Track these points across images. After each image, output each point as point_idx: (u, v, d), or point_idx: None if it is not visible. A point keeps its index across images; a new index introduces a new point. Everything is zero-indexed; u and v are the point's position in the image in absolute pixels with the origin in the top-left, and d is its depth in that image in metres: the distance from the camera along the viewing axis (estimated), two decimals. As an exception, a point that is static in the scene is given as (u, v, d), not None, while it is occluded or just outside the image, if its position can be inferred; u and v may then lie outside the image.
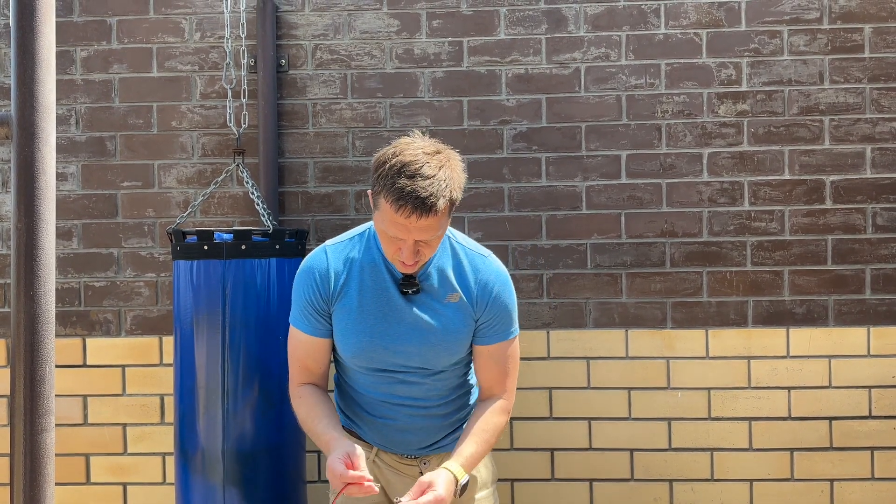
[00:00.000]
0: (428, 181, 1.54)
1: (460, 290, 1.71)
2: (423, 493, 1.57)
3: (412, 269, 1.66)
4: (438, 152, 1.60)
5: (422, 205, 1.53)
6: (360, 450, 1.59)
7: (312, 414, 1.71)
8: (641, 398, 2.61)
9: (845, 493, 2.58)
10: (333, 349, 1.77)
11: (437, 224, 1.58)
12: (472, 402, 1.84)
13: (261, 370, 2.21)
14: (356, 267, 1.71)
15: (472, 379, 1.84)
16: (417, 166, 1.54)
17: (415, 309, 1.70)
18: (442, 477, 1.60)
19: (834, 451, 2.59)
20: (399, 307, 1.70)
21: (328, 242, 1.77)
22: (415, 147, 1.59)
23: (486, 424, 1.72)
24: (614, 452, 2.61)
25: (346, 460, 1.56)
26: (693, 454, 2.60)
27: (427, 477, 1.61)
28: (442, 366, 1.74)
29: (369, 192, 1.65)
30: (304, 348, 1.75)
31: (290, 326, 1.77)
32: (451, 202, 1.59)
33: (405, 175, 1.53)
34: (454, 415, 1.81)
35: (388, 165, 1.57)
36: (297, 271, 1.77)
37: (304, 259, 1.77)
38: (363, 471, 1.55)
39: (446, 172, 1.58)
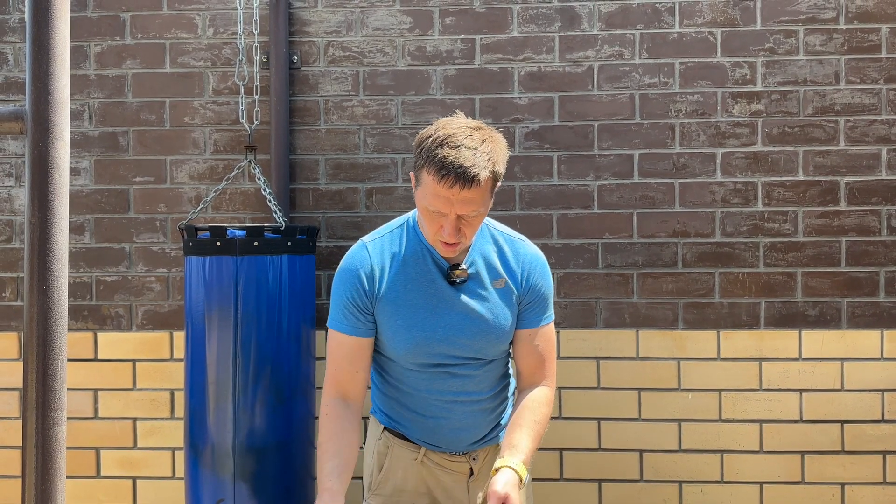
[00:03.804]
0: (471, 152, 1.53)
1: (505, 275, 1.71)
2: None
3: (454, 250, 1.64)
4: (481, 128, 1.60)
5: (465, 174, 1.51)
6: None
7: (326, 447, 1.65)
8: (651, 399, 2.60)
9: (856, 496, 2.57)
10: (377, 351, 1.73)
11: (480, 198, 1.57)
12: (510, 392, 1.83)
13: (271, 366, 2.22)
14: (399, 260, 1.68)
15: (511, 369, 1.83)
16: (460, 138, 1.54)
17: (463, 297, 1.68)
18: (511, 482, 1.58)
19: (845, 455, 2.57)
20: (448, 297, 1.68)
21: (366, 238, 1.74)
22: (457, 122, 1.60)
23: (538, 416, 1.69)
24: (624, 453, 2.60)
25: None
26: (703, 456, 2.59)
27: (500, 486, 1.57)
28: (493, 354, 1.72)
29: (411, 173, 1.64)
30: (343, 351, 1.69)
31: (330, 331, 1.71)
32: (494, 176, 1.58)
33: (448, 146, 1.53)
34: (499, 406, 1.80)
35: (430, 139, 1.56)
36: (337, 271, 1.72)
37: (344, 258, 1.73)
38: None
39: (489, 146, 1.56)
